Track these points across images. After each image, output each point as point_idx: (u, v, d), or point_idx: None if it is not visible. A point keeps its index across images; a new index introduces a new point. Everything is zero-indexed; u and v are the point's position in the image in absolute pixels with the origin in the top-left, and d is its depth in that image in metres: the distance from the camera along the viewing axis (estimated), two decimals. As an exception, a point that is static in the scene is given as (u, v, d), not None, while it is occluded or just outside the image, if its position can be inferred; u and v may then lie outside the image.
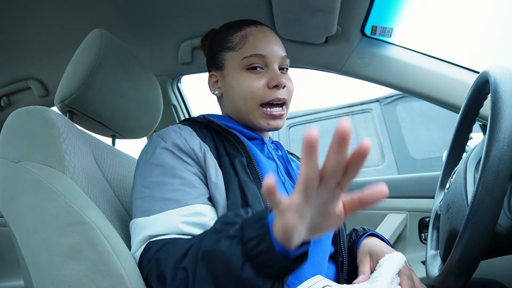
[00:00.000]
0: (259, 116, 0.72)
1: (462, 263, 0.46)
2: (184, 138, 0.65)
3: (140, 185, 0.61)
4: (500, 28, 2.70)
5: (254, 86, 0.71)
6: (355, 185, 1.46)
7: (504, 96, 0.46)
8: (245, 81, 0.71)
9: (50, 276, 0.49)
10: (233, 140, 0.69)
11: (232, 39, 0.75)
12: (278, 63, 0.74)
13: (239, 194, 0.61)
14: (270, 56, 0.72)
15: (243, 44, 0.73)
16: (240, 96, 0.72)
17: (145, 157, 0.64)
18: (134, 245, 0.56)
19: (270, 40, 0.74)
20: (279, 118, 0.73)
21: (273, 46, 0.74)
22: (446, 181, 0.71)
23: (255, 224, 0.44)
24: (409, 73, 1.10)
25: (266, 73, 0.72)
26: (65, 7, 0.98)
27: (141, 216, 0.58)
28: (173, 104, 1.43)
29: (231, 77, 0.74)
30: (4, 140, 0.57)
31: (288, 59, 0.76)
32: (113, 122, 0.84)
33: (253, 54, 0.71)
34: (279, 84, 0.71)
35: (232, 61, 0.74)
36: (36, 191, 0.52)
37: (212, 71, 0.79)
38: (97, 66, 0.74)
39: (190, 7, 1.02)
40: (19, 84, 1.30)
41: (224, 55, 0.75)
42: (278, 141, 0.82)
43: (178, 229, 0.55)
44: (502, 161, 0.43)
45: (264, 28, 0.77)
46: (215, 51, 0.78)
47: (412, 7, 1.03)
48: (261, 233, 0.42)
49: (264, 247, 0.42)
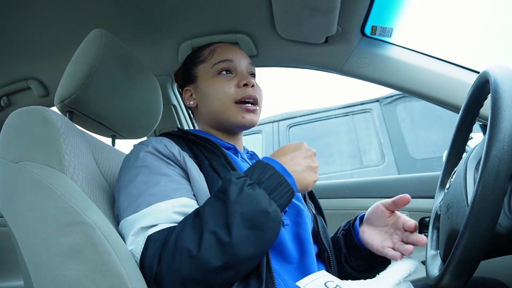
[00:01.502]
0: (234, 111, 0.77)
1: (462, 263, 0.46)
2: (164, 144, 0.66)
3: (126, 188, 0.61)
4: (500, 28, 2.70)
5: (226, 86, 0.78)
6: (355, 185, 1.46)
7: (504, 96, 0.46)
8: (218, 84, 0.78)
9: (50, 276, 0.49)
10: (209, 145, 0.71)
11: (202, 54, 0.84)
12: (245, 67, 0.82)
13: None
14: (237, 61, 0.81)
15: (212, 55, 0.82)
16: (214, 98, 0.78)
17: (128, 163, 0.65)
18: (129, 242, 0.56)
19: (235, 50, 0.84)
20: (253, 112, 0.78)
21: (239, 54, 0.83)
22: (446, 181, 0.71)
23: (260, 170, 0.57)
24: (409, 73, 1.10)
25: (236, 76, 0.80)
26: (65, 7, 0.98)
27: (129, 214, 0.58)
28: (173, 104, 1.43)
29: (204, 85, 0.81)
30: (4, 140, 0.57)
31: (254, 67, 0.85)
32: (113, 122, 0.84)
33: (221, 60, 0.80)
34: (248, 83, 0.78)
35: (203, 71, 0.82)
36: (36, 191, 0.52)
37: (186, 87, 0.85)
38: (97, 66, 0.74)
39: (190, 7, 1.02)
40: (19, 84, 1.30)
41: (196, 68, 0.84)
42: (253, 151, 0.86)
43: (170, 218, 0.56)
44: (502, 161, 0.43)
45: (229, 44, 0.88)
46: (187, 68, 0.86)
47: (412, 7, 1.03)
48: (274, 172, 0.56)
49: (278, 180, 0.56)
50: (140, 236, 0.55)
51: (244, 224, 0.51)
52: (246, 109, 0.77)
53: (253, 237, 0.51)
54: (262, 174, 0.56)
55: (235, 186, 0.54)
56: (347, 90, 5.62)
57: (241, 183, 0.54)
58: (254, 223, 0.52)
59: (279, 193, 0.55)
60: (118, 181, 0.65)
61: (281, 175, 0.56)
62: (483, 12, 2.44)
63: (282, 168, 0.57)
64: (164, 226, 0.55)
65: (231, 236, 0.50)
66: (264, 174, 0.56)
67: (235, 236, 0.50)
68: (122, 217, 0.59)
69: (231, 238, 0.50)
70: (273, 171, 0.56)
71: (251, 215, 0.52)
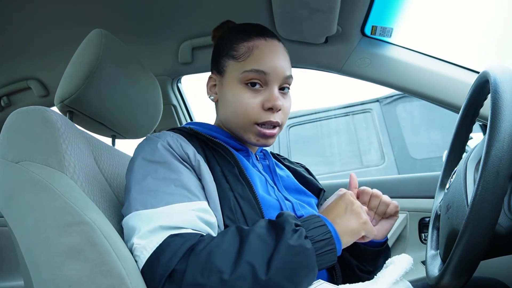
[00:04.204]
0: (251, 132, 0.70)
1: (462, 263, 0.46)
2: (180, 144, 0.64)
3: (141, 181, 0.58)
4: (500, 28, 2.70)
5: (249, 104, 0.68)
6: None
7: (504, 96, 0.46)
8: (241, 96, 0.69)
9: (50, 276, 0.49)
10: (221, 151, 0.68)
11: (237, 48, 0.71)
12: (279, 82, 0.70)
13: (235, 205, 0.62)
14: (271, 74, 0.69)
15: (247, 57, 0.70)
16: (234, 111, 0.70)
17: (143, 154, 0.62)
18: (140, 235, 0.53)
19: (276, 57, 0.71)
20: (271, 137, 0.71)
21: (277, 64, 0.70)
22: (446, 181, 0.71)
23: (318, 228, 0.56)
24: (409, 73, 1.10)
25: (264, 92, 0.69)
26: (65, 7, 0.99)
27: (144, 208, 0.55)
28: (173, 104, 1.43)
29: (229, 88, 0.71)
30: (4, 140, 0.57)
31: (292, 79, 0.73)
32: (113, 122, 0.84)
33: (254, 69, 0.68)
34: (274, 108, 0.68)
35: (232, 70, 0.71)
36: (36, 191, 0.52)
37: (213, 72, 0.77)
38: (97, 66, 0.74)
39: (190, 7, 1.02)
40: (19, 84, 1.31)
41: (227, 61, 0.73)
42: (266, 150, 0.82)
43: (195, 225, 0.54)
44: (502, 161, 0.43)
45: (273, 43, 0.72)
46: (219, 53, 0.75)
47: (412, 7, 1.03)
48: (327, 237, 0.56)
49: (330, 248, 0.55)
50: (158, 235, 0.52)
51: (283, 272, 0.50)
52: (263, 134, 0.70)
53: (285, 284, 0.50)
54: (316, 231, 0.55)
55: (293, 232, 0.53)
56: (347, 90, 5.62)
57: (299, 233, 0.53)
58: (292, 275, 0.51)
59: (326, 255, 0.55)
60: (131, 171, 0.61)
61: (334, 243, 0.56)
62: (483, 12, 2.43)
63: (334, 231, 0.57)
64: (188, 231, 0.53)
65: (267, 276, 0.49)
66: (317, 232, 0.55)
67: (271, 277, 0.49)
68: (133, 209, 0.56)
69: (267, 278, 0.49)
70: (329, 235, 0.56)
71: (296, 267, 0.51)
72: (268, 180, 0.72)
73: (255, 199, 0.63)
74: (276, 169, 0.77)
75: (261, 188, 0.68)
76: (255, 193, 0.64)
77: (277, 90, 0.70)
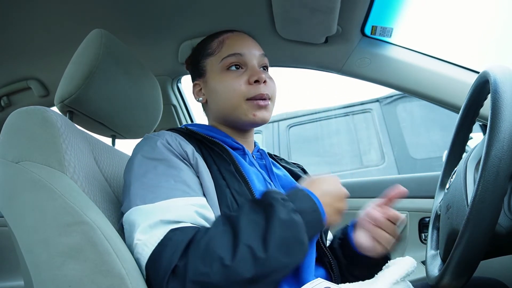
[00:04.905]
0: (246, 109, 0.73)
1: (462, 263, 0.46)
2: (178, 142, 0.65)
3: (141, 178, 0.59)
4: (500, 28, 2.70)
5: (236, 83, 0.73)
6: (355, 185, 1.46)
7: (504, 96, 0.46)
8: (227, 80, 0.74)
9: (50, 276, 0.49)
10: (218, 149, 0.70)
11: (210, 46, 0.79)
12: (256, 61, 0.77)
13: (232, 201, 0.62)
14: (247, 54, 0.76)
15: (221, 48, 0.77)
16: (224, 96, 0.74)
17: (142, 152, 0.63)
18: (140, 230, 0.53)
19: (246, 41, 0.78)
20: (265, 109, 0.74)
21: (249, 45, 0.77)
22: (446, 181, 0.71)
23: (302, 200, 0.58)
24: (409, 73, 1.10)
25: (246, 71, 0.75)
26: (65, 7, 0.98)
27: (143, 203, 0.56)
28: (173, 104, 1.43)
29: (213, 80, 0.76)
30: (4, 140, 0.57)
31: (266, 58, 0.79)
32: (113, 122, 0.84)
33: (230, 54, 0.75)
34: (259, 79, 0.73)
35: (212, 65, 0.77)
36: (36, 191, 0.52)
37: (195, 80, 0.82)
38: (97, 66, 0.74)
39: (190, 7, 1.02)
40: (19, 84, 1.30)
41: (205, 61, 0.79)
42: (263, 150, 0.83)
43: (194, 219, 0.55)
44: (502, 161, 0.43)
45: (240, 33, 0.81)
46: (196, 61, 0.81)
47: (412, 7, 1.03)
48: (314, 207, 0.58)
49: (317, 218, 0.58)
50: (158, 229, 0.53)
51: (281, 247, 0.51)
52: (257, 105, 0.73)
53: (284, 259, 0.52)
54: (303, 204, 0.57)
55: (282, 207, 0.54)
56: (347, 90, 5.61)
57: (289, 208, 0.55)
58: (289, 249, 0.52)
59: (313, 228, 0.57)
60: (130, 169, 0.62)
61: (320, 214, 0.58)
62: (483, 12, 2.44)
63: (321, 205, 0.59)
64: (187, 225, 0.54)
65: (267, 253, 0.50)
66: (305, 205, 0.57)
67: (270, 254, 0.50)
68: (133, 204, 0.56)
69: (266, 256, 0.50)
70: (315, 207, 0.58)
71: (290, 241, 0.52)
72: (265, 177, 0.72)
73: (251, 196, 0.64)
74: (273, 168, 0.78)
75: (258, 184, 0.68)
76: (252, 190, 0.65)
77: (257, 67, 0.77)
